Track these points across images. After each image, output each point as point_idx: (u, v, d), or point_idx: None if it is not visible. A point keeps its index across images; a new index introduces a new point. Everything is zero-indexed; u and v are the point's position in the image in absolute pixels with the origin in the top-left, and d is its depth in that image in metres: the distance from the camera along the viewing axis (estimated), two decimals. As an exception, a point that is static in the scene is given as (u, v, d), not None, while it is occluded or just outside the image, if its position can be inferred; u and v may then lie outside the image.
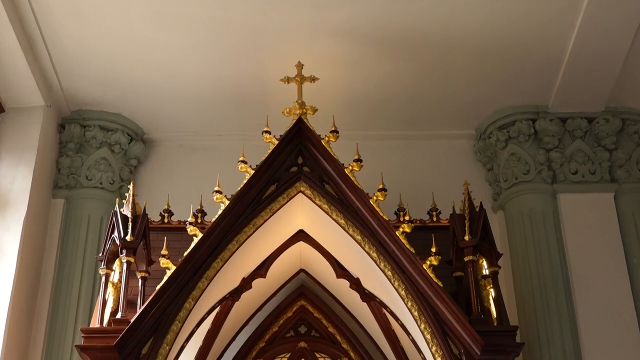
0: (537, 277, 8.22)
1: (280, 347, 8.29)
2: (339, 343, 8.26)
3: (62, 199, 8.71)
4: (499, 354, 6.43)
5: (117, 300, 6.70)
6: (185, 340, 6.90)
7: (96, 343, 6.40)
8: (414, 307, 6.60)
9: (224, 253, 6.82)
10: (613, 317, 7.98)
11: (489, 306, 6.71)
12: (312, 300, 8.37)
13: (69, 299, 8.19)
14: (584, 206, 8.52)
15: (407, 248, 6.72)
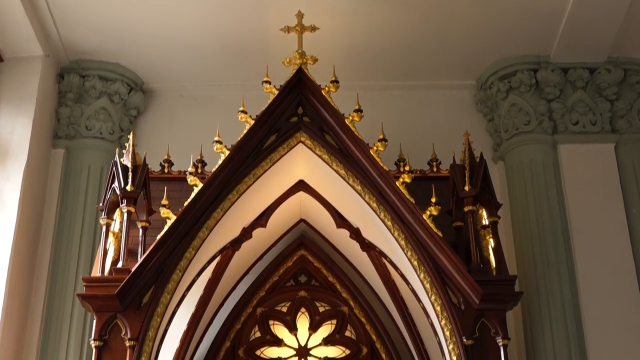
0: (536, 228, 8.25)
1: (280, 296, 8.35)
2: (338, 292, 8.32)
3: (62, 149, 8.70)
4: (497, 303, 6.49)
5: (117, 250, 6.73)
6: (186, 289, 6.95)
7: (97, 292, 6.45)
8: (413, 257, 6.64)
9: (224, 203, 6.84)
10: (611, 266, 8.03)
11: (488, 256, 6.75)
12: (312, 249, 8.41)
13: (70, 248, 8.23)
14: (585, 157, 8.52)
15: (407, 198, 6.74)
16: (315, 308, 8.31)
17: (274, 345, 8.17)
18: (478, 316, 6.47)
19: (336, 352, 8.16)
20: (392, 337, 8.05)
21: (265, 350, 8.16)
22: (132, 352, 6.29)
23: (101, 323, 6.40)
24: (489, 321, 6.47)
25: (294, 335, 8.21)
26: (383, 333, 8.08)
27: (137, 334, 6.33)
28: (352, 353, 8.13)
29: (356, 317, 8.21)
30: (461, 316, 6.47)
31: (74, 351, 7.82)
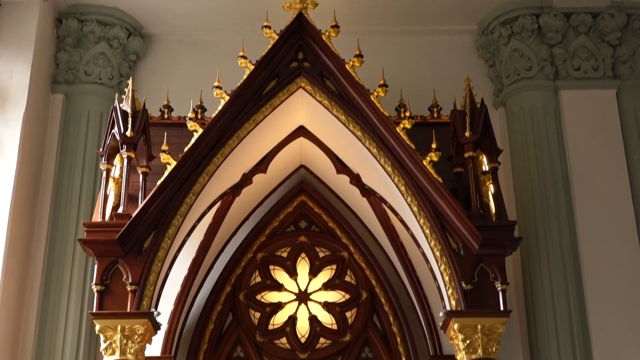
0: (536, 174, 8.25)
1: (280, 242, 8.39)
2: (338, 238, 8.36)
3: (61, 94, 8.67)
4: (497, 248, 6.52)
5: (118, 195, 6.74)
6: (187, 235, 6.98)
7: (98, 237, 6.48)
8: (413, 203, 6.65)
9: (224, 149, 6.84)
10: (611, 212, 8.05)
11: (488, 202, 6.76)
12: (312, 195, 8.42)
13: (71, 193, 8.25)
14: (586, 103, 8.49)
15: (408, 144, 6.73)
16: (315, 253, 8.35)
17: (274, 290, 8.24)
18: (477, 261, 6.51)
19: (336, 296, 8.22)
20: (391, 282, 8.10)
21: (265, 295, 8.22)
22: (134, 296, 6.35)
23: (102, 268, 6.44)
24: (488, 266, 6.50)
25: (294, 280, 8.26)
26: (383, 278, 8.14)
27: (139, 279, 6.38)
28: (352, 298, 8.20)
29: (356, 262, 8.26)
30: (460, 261, 6.51)
31: (76, 296, 7.88)
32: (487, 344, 6.31)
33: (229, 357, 8.05)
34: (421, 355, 7.85)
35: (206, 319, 8.01)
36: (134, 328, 6.27)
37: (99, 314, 6.33)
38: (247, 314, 8.14)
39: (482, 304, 6.42)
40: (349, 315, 8.15)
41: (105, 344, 6.27)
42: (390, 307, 8.06)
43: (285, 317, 8.14)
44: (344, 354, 8.03)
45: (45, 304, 7.89)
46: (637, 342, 7.61)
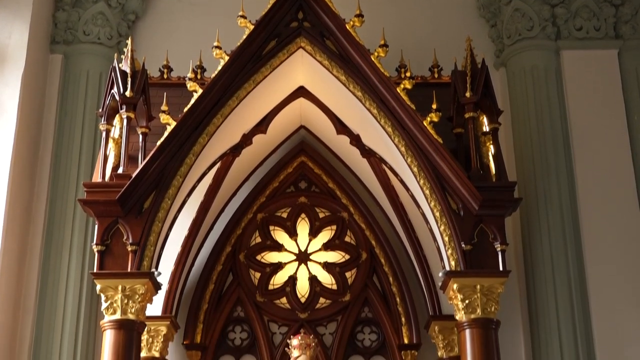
0: (537, 134, 8.24)
1: (280, 202, 8.40)
2: (338, 198, 8.37)
3: (60, 54, 8.61)
4: (496, 209, 6.53)
5: (118, 156, 6.73)
6: (187, 195, 6.99)
7: (99, 197, 6.49)
8: (413, 163, 6.65)
9: (224, 109, 6.82)
10: (611, 173, 8.05)
11: (488, 162, 6.75)
12: (312, 156, 8.42)
13: (70, 154, 8.24)
14: (587, 63, 8.44)
15: (408, 104, 6.71)
16: (315, 214, 8.37)
17: (274, 251, 8.27)
18: (477, 222, 6.52)
19: (336, 257, 8.25)
20: (391, 243, 8.13)
21: (265, 255, 8.26)
22: (134, 256, 6.37)
23: (103, 228, 6.45)
24: (488, 227, 6.52)
25: (294, 241, 8.29)
26: (382, 238, 8.16)
27: (139, 239, 6.40)
28: (352, 258, 8.23)
29: (356, 222, 8.28)
30: (460, 222, 6.52)
31: (77, 255, 7.90)
32: (486, 304, 6.35)
33: (229, 317, 8.11)
34: (420, 315, 7.91)
35: (206, 279, 8.05)
36: (134, 288, 6.31)
37: (100, 274, 6.36)
38: (247, 274, 8.18)
39: (482, 264, 6.45)
40: (349, 276, 8.19)
41: (106, 303, 6.31)
42: (390, 268, 8.09)
43: (285, 277, 8.19)
44: (343, 313, 8.08)
45: (46, 264, 7.92)
46: (635, 303, 7.65)
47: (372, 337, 8.09)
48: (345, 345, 8.00)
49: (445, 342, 7.58)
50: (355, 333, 8.09)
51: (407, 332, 7.91)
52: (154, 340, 7.41)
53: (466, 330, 6.31)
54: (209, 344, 7.94)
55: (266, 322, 8.09)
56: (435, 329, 7.61)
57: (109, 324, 6.24)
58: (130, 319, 6.24)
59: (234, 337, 8.10)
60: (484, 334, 6.27)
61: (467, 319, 6.33)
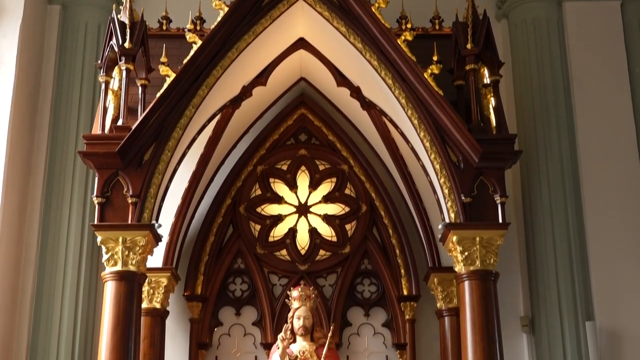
0: (538, 87, 8.20)
1: (280, 155, 8.40)
2: (338, 151, 8.37)
3: (58, 5, 8.53)
4: (496, 161, 6.52)
5: (117, 108, 6.69)
6: (187, 147, 6.98)
7: (98, 149, 6.47)
8: (414, 115, 6.63)
9: (223, 61, 6.77)
10: (612, 126, 8.03)
11: (488, 115, 6.71)
12: (312, 108, 8.40)
13: (70, 106, 8.21)
14: (590, 14, 8.36)
15: (409, 56, 6.67)
16: (315, 166, 8.37)
17: (275, 203, 8.30)
18: (477, 174, 6.52)
19: (336, 209, 8.28)
20: (391, 195, 8.15)
21: (265, 208, 8.28)
22: (134, 208, 6.38)
23: (103, 180, 6.45)
24: (488, 179, 6.52)
25: (294, 193, 8.31)
26: (382, 191, 8.18)
27: (139, 191, 6.40)
28: (352, 210, 8.26)
29: (356, 175, 8.29)
30: (460, 174, 6.52)
31: (77, 208, 7.92)
32: (485, 256, 6.37)
33: (230, 269, 8.16)
34: (420, 267, 7.95)
35: (207, 231, 8.08)
36: (135, 240, 6.33)
37: (100, 226, 6.37)
38: (248, 226, 8.21)
39: (481, 216, 6.46)
40: (349, 228, 8.22)
41: (107, 255, 6.33)
42: (390, 220, 8.12)
43: (286, 230, 8.22)
44: (343, 265, 8.12)
45: (46, 216, 7.94)
46: (633, 254, 7.68)
47: (372, 289, 8.14)
48: (345, 297, 8.05)
49: (444, 293, 7.64)
50: (355, 285, 8.14)
51: (406, 283, 7.97)
52: (155, 291, 7.47)
53: (465, 282, 6.34)
54: (210, 295, 8.00)
55: (266, 274, 8.14)
56: (435, 281, 7.67)
57: (110, 276, 6.27)
58: (131, 271, 6.27)
59: (235, 288, 8.15)
60: (482, 285, 6.30)
61: (466, 270, 6.35)
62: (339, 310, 7.99)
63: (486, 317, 6.19)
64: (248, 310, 8.11)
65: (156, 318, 7.43)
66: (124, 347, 6.04)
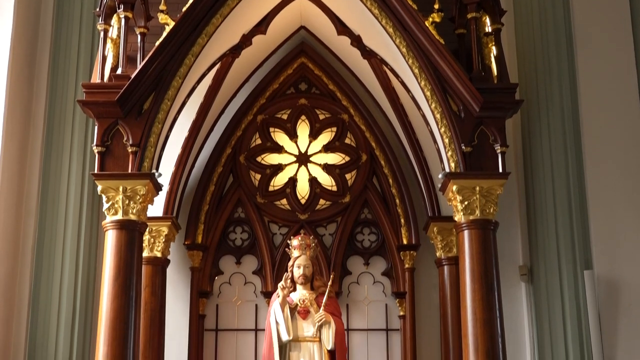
0: (540, 36, 8.13)
1: (280, 104, 8.38)
2: (339, 100, 8.34)
3: (56, -48, 8.44)
4: (497, 111, 6.50)
5: (116, 57, 6.66)
6: (187, 97, 6.95)
7: (98, 98, 6.45)
8: (414, 64, 6.59)
9: (223, 9, 6.71)
10: (614, 77, 7.94)
11: (490, 64, 6.68)
12: (312, 57, 8.35)
13: (69, 54, 8.14)
14: (594, -38, 8.27)
15: (410, 4, 6.62)
16: (315, 115, 8.35)
17: (275, 152, 8.30)
18: (477, 124, 6.51)
19: (336, 159, 8.28)
20: (391, 145, 8.14)
21: (265, 157, 8.28)
22: (134, 157, 6.38)
23: (103, 129, 6.44)
24: (488, 129, 6.51)
25: (294, 143, 8.31)
26: (382, 140, 8.17)
27: (139, 140, 6.39)
28: (352, 160, 8.26)
29: (356, 124, 8.28)
30: (460, 123, 6.51)
31: (77, 157, 7.91)
32: (484, 205, 6.39)
33: (230, 218, 8.19)
34: (419, 217, 7.98)
35: (207, 181, 8.09)
36: (135, 189, 6.34)
37: (101, 175, 6.38)
38: (248, 176, 8.22)
39: (481, 166, 6.47)
40: (349, 177, 8.23)
41: (107, 204, 6.35)
42: (390, 169, 8.13)
43: (286, 179, 8.23)
44: (343, 214, 8.15)
45: (46, 165, 7.93)
46: (633, 204, 7.68)
47: (372, 238, 8.18)
48: (345, 246, 8.09)
49: (443, 243, 7.68)
50: (355, 234, 8.18)
51: (406, 233, 8.00)
52: (156, 240, 7.50)
53: (465, 231, 6.37)
54: (210, 244, 8.04)
55: (266, 223, 8.17)
56: (434, 230, 7.70)
57: (110, 225, 6.29)
58: (132, 220, 6.29)
59: (235, 237, 8.19)
60: (482, 235, 6.33)
61: (465, 220, 6.38)
62: (339, 259, 8.03)
63: (485, 266, 6.23)
64: (248, 259, 8.15)
65: (157, 267, 7.48)
66: (125, 296, 6.09)
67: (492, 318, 6.12)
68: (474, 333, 6.10)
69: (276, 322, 6.84)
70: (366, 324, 8.01)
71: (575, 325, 7.50)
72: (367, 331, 7.99)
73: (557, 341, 7.53)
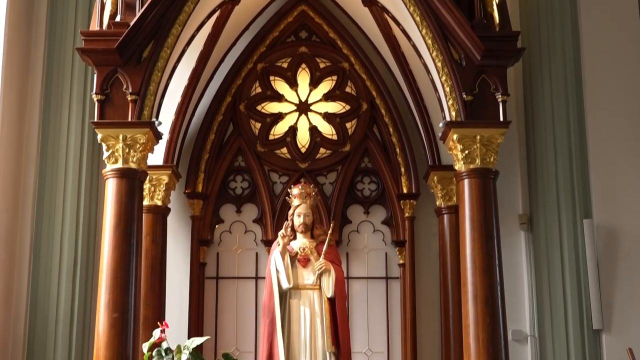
0: (542, -17, 8.07)
1: (280, 52, 8.33)
2: (339, 48, 8.29)
3: None
4: (499, 59, 6.46)
5: (115, 4, 6.57)
6: (186, 44, 6.90)
7: (97, 46, 6.40)
8: (416, 12, 6.53)
9: (222, -45, 6.65)
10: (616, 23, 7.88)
11: (491, 11, 6.61)
12: (312, 5, 8.27)
13: (67, 1, 8.06)
14: None
15: (411, -50, 6.54)
16: (315, 64, 8.31)
17: (275, 101, 8.27)
18: (478, 72, 6.46)
19: (336, 107, 8.26)
20: (392, 93, 8.11)
21: (266, 106, 8.26)
22: (134, 106, 6.36)
23: (102, 77, 6.41)
24: (490, 77, 6.47)
25: (295, 91, 8.28)
26: (383, 89, 8.14)
27: (139, 88, 6.36)
28: (352, 109, 8.23)
29: (357, 73, 8.23)
30: (462, 72, 6.47)
31: (77, 105, 7.88)
32: (485, 154, 6.38)
33: (230, 167, 8.19)
34: (420, 165, 7.98)
35: (207, 129, 8.08)
36: (135, 137, 6.33)
37: (100, 124, 6.36)
38: (248, 124, 8.20)
39: (482, 114, 6.44)
40: (349, 126, 8.21)
41: (107, 152, 6.34)
42: (390, 118, 8.11)
43: (286, 128, 8.22)
44: (343, 163, 8.15)
45: (46, 113, 7.90)
46: (633, 151, 7.69)
47: (372, 187, 8.20)
48: (345, 195, 8.11)
49: (443, 191, 7.69)
50: (355, 183, 8.19)
51: (406, 182, 8.01)
52: (156, 189, 7.52)
53: (465, 180, 6.37)
54: (211, 192, 8.05)
55: (267, 172, 8.18)
56: (434, 179, 7.71)
57: (111, 173, 6.30)
58: (132, 168, 6.30)
59: (235, 186, 8.20)
60: (482, 183, 6.33)
61: (466, 169, 6.38)
62: (339, 208, 8.05)
63: (485, 215, 6.25)
64: (249, 207, 8.17)
65: (157, 215, 7.50)
66: (126, 244, 6.12)
67: (491, 266, 6.16)
68: (473, 281, 6.14)
69: (276, 270, 6.88)
70: (366, 272, 8.06)
71: (574, 273, 7.56)
72: (367, 279, 8.04)
73: (556, 289, 7.59)
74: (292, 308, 6.87)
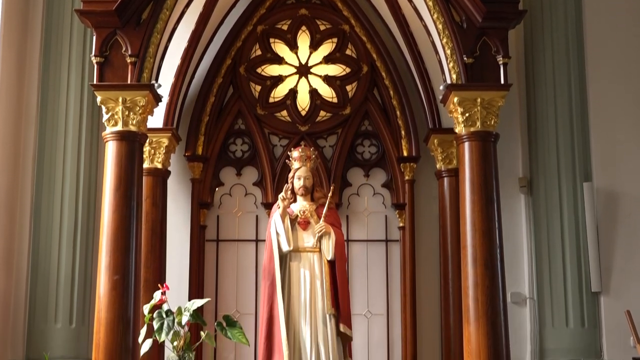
0: (545, -53, 8.00)
1: (281, 14, 8.28)
2: (339, 10, 8.23)
3: None
4: (500, 21, 6.42)
5: (113, -36, 6.54)
6: (186, 6, 6.86)
7: (95, 7, 6.35)
8: (417, -27, 6.50)
9: None
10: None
11: (493, -27, 6.57)
12: (312, -34, 8.23)
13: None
14: None
15: None
16: (316, 26, 8.26)
17: (275, 63, 8.24)
18: (480, 34, 6.43)
19: (336, 70, 8.23)
20: (392, 56, 8.07)
21: (266, 68, 8.22)
22: (134, 68, 6.33)
23: (101, 39, 6.37)
24: (491, 39, 6.43)
25: (295, 54, 8.24)
26: (384, 51, 8.10)
27: (138, 50, 6.33)
28: (353, 71, 8.20)
29: (357, 35, 8.19)
30: (463, 34, 6.43)
31: (76, 67, 7.85)
32: (485, 117, 6.37)
33: (230, 129, 8.18)
34: (420, 128, 7.97)
35: (207, 92, 8.05)
36: (135, 100, 6.31)
37: (100, 86, 6.34)
38: (248, 87, 8.17)
39: (483, 77, 6.41)
40: (350, 89, 8.19)
41: (107, 115, 6.33)
42: (391, 81, 8.08)
43: (286, 90, 8.19)
44: (343, 126, 8.14)
45: (45, 76, 7.87)
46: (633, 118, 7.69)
47: (372, 150, 8.19)
48: (345, 158, 8.11)
49: (443, 154, 7.69)
50: (355, 145, 8.18)
51: (406, 144, 8.00)
52: (156, 151, 7.51)
53: (465, 143, 6.36)
54: (211, 155, 8.05)
55: (267, 135, 8.17)
56: (435, 142, 7.70)
57: (110, 136, 6.29)
58: (132, 131, 6.28)
59: (235, 149, 8.19)
60: (482, 146, 6.32)
61: (466, 131, 6.36)
62: (339, 170, 8.06)
63: (485, 178, 6.25)
64: (249, 170, 8.18)
65: (158, 178, 7.51)
66: (127, 206, 6.12)
67: (491, 229, 6.17)
68: (473, 244, 6.16)
69: (276, 233, 6.89)
70: (366, 235, 8.08)
71: (573, 236, 7.59)
72: (367, 242, 8.07)
73: (555, 252, 7.63)
74: (292, 270, 6.89)
